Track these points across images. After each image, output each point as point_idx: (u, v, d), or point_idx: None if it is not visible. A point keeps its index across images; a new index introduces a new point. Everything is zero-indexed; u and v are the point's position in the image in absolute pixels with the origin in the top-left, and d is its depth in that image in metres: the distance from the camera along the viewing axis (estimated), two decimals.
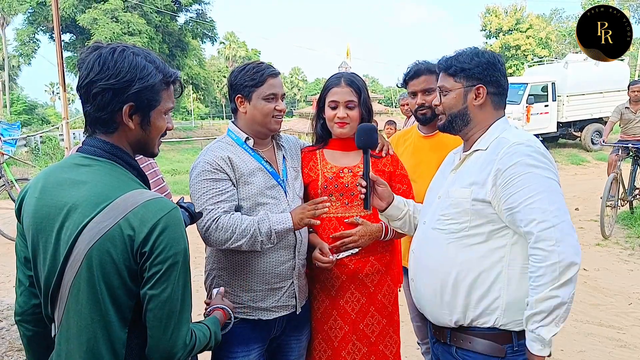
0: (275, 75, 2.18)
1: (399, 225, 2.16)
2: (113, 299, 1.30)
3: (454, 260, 1.80)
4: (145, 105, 1.39)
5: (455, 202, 1.82)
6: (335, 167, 2.33)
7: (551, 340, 1.63)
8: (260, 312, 2.14)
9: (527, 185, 1.67)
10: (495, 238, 1.76)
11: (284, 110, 2.20)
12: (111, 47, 1.37)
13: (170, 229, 1.30)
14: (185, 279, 1.35)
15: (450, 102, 1.91)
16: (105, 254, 1.28)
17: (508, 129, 1.88)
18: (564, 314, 1.61)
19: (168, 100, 1.45)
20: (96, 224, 1.28)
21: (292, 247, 2.16)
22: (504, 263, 1.75)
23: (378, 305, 2.29)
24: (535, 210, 1.65)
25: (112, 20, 32.68)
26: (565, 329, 4.37)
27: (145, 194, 1.33)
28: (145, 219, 1.28)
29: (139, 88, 1.35)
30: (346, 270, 2.24)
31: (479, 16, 46.89)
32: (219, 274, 2.17)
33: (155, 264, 1.29)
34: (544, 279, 1.61)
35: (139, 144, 1.45)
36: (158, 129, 1.46)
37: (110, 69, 1.33)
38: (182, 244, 1.33)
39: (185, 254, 1.34)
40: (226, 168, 2.09)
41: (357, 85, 2.30)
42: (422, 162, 2.65)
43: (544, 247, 1.61)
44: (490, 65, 1.86)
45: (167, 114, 1.48)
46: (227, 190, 2.07)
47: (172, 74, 1.45)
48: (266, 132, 2.21)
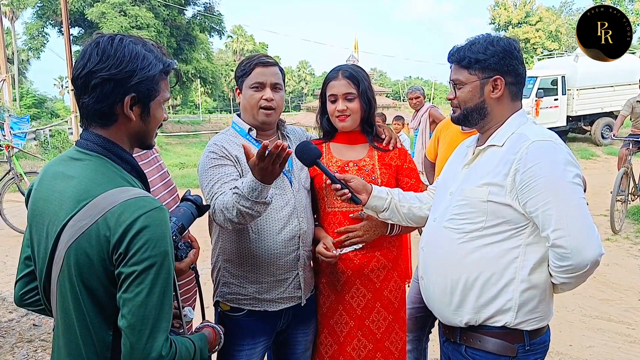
0: (265, 64, 2.14)
1: (388, 216, 2.11)
2: (94, 301, 1.25)
3: (466, 260, 1.75)
4: (145, 96, 1.34)
5: (470, 202, 1.75)
6: (340, 160, 2.30)
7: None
8: (266, 303, 2.13)
9: (544, 190, 1.60)
10: (510, 238, 1.70)
11: (273, 100, 2.12)
12: (109, 36, 1.32)
13: (149, 229, 1.21)
14: (164, 284, 1.24)
15: (465, 96, 1.81)
16: (83, 255, 1.22)
17: (526, 124, 1.79)
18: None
19: (166, 90, 1.42)
20: (75, 222, 1.23)
21: (296, 237, 2.14)
22: (518, 264, 1.69)
23: (384, 301, 2.27)
24: (551, 217, 1.60)
25: (120, 14, 32.71)
26: (574, 324, 4.34)
27: (128, 192, 1.26)
28: (121, 218, 1.20)
29: (141, 79, 1.31)
30: (352, 265, 2.22)
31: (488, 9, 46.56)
32: (224, 266, 2.17)
33: (130, 266, 1.20)
34: (561, 273, 1.64)
35: (137, 136, 1.40)
36: (157, 120, 1.42)
37: (111, 59, 1.28)
38: (162, 246, 1.23)
39: (165, 258, 1.24)
40: (230, 156, 2.09)
41: (356, 77, 2.25)
42: None
43: (560, 253, 1.61)
44: (507, 53, 1.76)
45: (165, 104, 1.45)
46: (232, 174, 2.05)
47: (170, 63, 1.41)
48: (258, 124, 2.18)
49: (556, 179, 1.61)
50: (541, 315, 1.73)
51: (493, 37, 1.80)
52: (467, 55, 1.79)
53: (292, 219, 2.13)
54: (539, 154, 1.64)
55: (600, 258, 1.60)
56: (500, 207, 1.69)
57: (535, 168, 1.62)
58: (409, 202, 2.12)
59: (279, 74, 2.19)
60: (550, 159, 1.63)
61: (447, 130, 3.34)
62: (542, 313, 1.73)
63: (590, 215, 1.63)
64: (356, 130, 2.32)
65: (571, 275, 1.62)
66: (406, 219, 2.12)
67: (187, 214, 1.71)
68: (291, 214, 2.13)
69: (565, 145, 1.71)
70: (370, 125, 2.34)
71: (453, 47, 1.88)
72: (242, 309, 2.13)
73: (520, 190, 1.64)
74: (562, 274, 1.63)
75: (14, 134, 13.88)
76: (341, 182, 2.03)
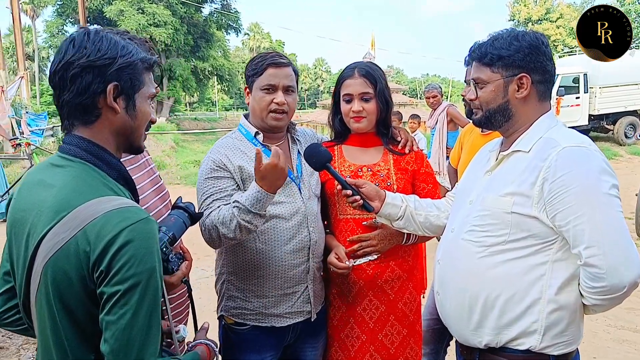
0: (278, 65, 1.99)
1: (402, 225, 1.97)
2: (73, 323, 1.13)
3: (486, 277, 1.60)
4: (129, 86, 1.24)
5: (492, 213, 1.60)
6: (353, 165, 2.17)
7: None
8: (273, 318, 2.01)
9: (576, 202, 1.45)
10: (536, 254, 1.55)
11: (285, 104, 1.99)
12: (84, 29, 1.23)
13: (134, 244, 1.09)
14: (151, 305, 1.11)
15: (487, 96, 1.65)
16: (60, 272, 1.10)
17: (555, 127, 1.63)
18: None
19: (150, 85, 1.32)
20: (53, 236, 1.11)
21: (305, 249, 2.01)
22: (544, 282, 1.54)
23: (398, 314, 2.13)
24: (584, 232, 1.45)
25: (138, 12, 32.95)
26: (598, 335, 4.15)
27: (112, 201, 1.14)
28: (103, 231, 1.08)
29: (122, 65, 1.20)
30: (364, 275, 2.09)
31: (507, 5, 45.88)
32: (228, 279, 2.05)
33: (112, 285, 1.08)
34: (594, 295, 1.49)
35: (124, 133, 1.28)
36: (144, 115, 1.30)
37: (89, 48, 1.18)
38: (148, 262, 1.11)
39: (152, 275, 1.11)
40: (230, 166, 1.97)
41: (373, 76, 2.11)
42: None
43: (594, 273, 1.45)
44: (534, 48, 1.61)
45: (152, 101, 1.34)
46: (226, 189, 1.94)
47: (151, 57, 1.31)
48: (267, 127, 2.05)
49: (590, 190, 1.46)
50: (570, 338, 1.58)
51: (518, 32, 1.65)
52: (489, 52, 1.64)
53: (302, 228, 2.00)
54: (570, 161, 1.49)
55: (635, 281, 1.44)
56: (525, 219, 1.54)
57: (566, 177, 1.47)
58: (425, 210, 1.98)
59: (292, 75, 2.05)
60: (583, 167, 1.48)
61: (470, 134, 3.21)
62: (571, 336, 1.59)
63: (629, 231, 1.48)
64: (371, 132, 2.19)
65: (605, 297, 1.47)
66: (422, 228, 1.98)
67: (178, 223, 1.60)
68: (301, 224, 2.00)
69: (601, 152, 1.55)
70: (386, 127, 2.20)
71: (474, 43, 1.72)
72: (247, 324, 2.01)
73: (549, 202, 1.49)
74: (595, 295, 1.48)
75: (32, 130, 13.97)
76: (352, 188, 1.90)
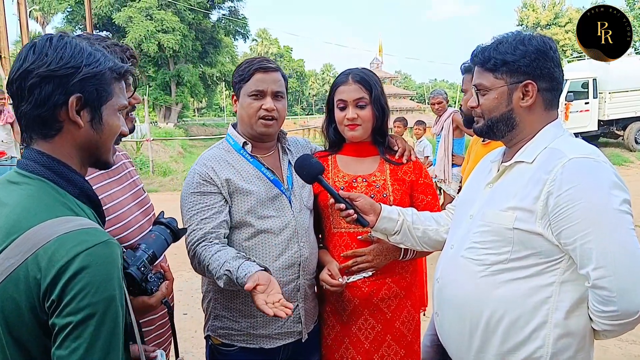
0: (265, 69, 1.89)
1: (399, 240, 1.85)
2: (25, 356, 1.03)
3: (488, 298, 1.48)
4: (95, 97, 1.13)
5: (493, 229, 1.49)
6: (348, 175, 2.05)
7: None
8: (262, 339, 1.89)
9: (583, 218, 1.33)
10: (541, 274, 1.43)
11: (274, 110, 1.89)
12: (47, 35, 1.13)
13: (90, 270, 0.99)
14: (108, 337, 1.00)
15: (490, 104, 1.55)
16: (9, 301, 1.00)
17: (562, 137, 1.52)
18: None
19: (121, 96, 1.21)
20: (2, 261, 1.01)
21: (296, 265, 1.90)
22: (550, 305, 1.42)
23: (396, 334, 2.00)
24: (591, 252, 1.33)
25: (147, 18, 33.22)
26: (609, 350, 3.99)
27: (69, 223, 1.03)
28: (55, 256, 0.98)
29: (86, 75, 1.10)
30: (359, 293, 1.97)
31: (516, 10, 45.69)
32: (215, 297, 1.95)
33: (64, 316, 0.97)
34: (604, 319, 1.37)
35: (89, 148, 1.17)
36: (112, 129, 1.19)
37: (50, 55, 1.08)
38: (106, 290, 1.00)
39: (110, 305, 1.01)
40: (216, 180, 1.86)
41: (368, 82, 2.00)
42: None
43: (603, 296, 1.33)
44: (541, 54, 1.49)
45: (122, 113, 1.23)
46: (214, 206, 1.83)
47: (123, 65, 1.21)
48: (256, 135, 1.95)
49: (599, 206, 1.34)
50: None
51: (524, 35, 1.53)
52: (492, 56, 1.52)
53: (292, 244, 1.89)
54: (577, 174, 1.37)
55: None
56: (529, 236, 1.43)
57: (572, 191, 1.35)
58: (424, 224, 1.86)
59: (281, 80, 1.95)
60: (591, 180, 1.37)
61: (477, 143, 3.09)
62: None
63: None
64: (366, 140, 2.08)
65: (616, 323, 1.35)
66: (421, 243, 1.87)
67: (159, 241, 1.51)
68: (290, 239, 1.89)
69: (611, 164, 1.43)
70: (382, 135, 2.09)
71: (477, 46, 1.61)
72: (235, 345, 1.90)
73: (554, 218, 1.38)
74: (605, 320, 1.36)
75: None
76: (346, 202, 1.78)
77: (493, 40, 1.58)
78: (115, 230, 1.61)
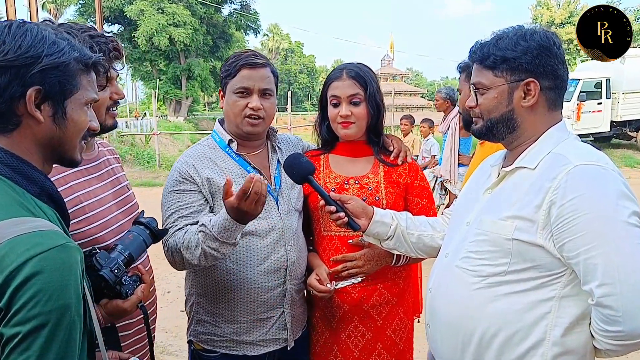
0: (252, 65, 1.79)
1: (392, 245, 1.75)
2: None
3: (482, 311, 1.39)
4: (57, 90, 1.05)
5: (490, 239, 1.40)
6: (339, 176, 1.96)
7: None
8: (246, 346, 1.81)
9: (588, 230, 1.23)
10: (540, 288, 1.34)
11: (261, 109, 1.79)
12: (7, 22, 1.05)
13: (42, 276, 0.91)
14: (62, 350, 0.92)
15: (489, 103, 1.45)
16: None
17: (566, 141, 1.41)
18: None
19: (89, 89, 1.12)
20: None
21: (282, 269, 1.82)
22: (549, 321, 1.32)
23: (387, 342, 1.92)
24: (596, 267, 1.23)
25: (158, 12, 33.21)
26: None
27: (24, 224, 0.95)
28: (5, 261, 0.90)
29: (47, 65, 1.02)
30: (349, 298, 1.88)
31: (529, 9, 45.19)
32: (198, 301, 1.87)
33: (12, 326, 0.89)
34: (607, 339, 1.26)
35: (51, 144, 1.09)
36: (77, 125, 1.11)
37: (8, 44, 1.00)
38: (61, 299, 0.92)
39: (65, 314, 0.93)
40: (197, 178, 1.78)
41: (363, 77, 1.90)
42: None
43: (607, 315, 1.23)
44: (544, 50, 1.38)
45: (90, 107, 1.14)
46: (192, 204, 1.76)
47: (92, 55, 1.12)
48: (242, 134, 1.86)
49: (605, 217, 1.24)
50: None
51: (526, 30, 1.42)
52: (492, 53, 1.42)
53: (278, 247, 1.81)
54: (583, 182, 1.27)
55: None
56: (529, 247, 1.33)
57: (577, 201, 1.25)
58: (418, 229, 1.77)
59: (270, 77, 1.85)
60: (598, 189, 1.26)
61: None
62: None
63: None
64: (360, 140, 1.98)
65: (621, 343, 1.25)
66: (415, 249, 1.77)
67: (137, 242, 1.45)
68: (277, 242, 1.81)
69: (619, 172, 1.33)
70: (377, 134, 1.99)
71: (475, 42, 1.50)
72: (217, 351, 1.83)
73: (557, 229, 1.28)
74: (609, 339, 1.26)
75: None
76: (337, 204, 1.69)
77: (493, 35, 1.47)
78: (92, 230, 1.54)
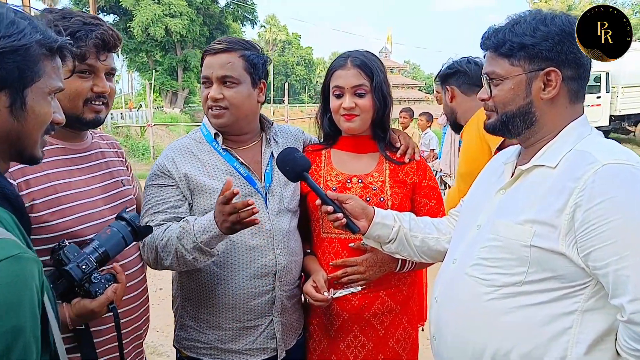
0: (214, 52, 1.66)
1: (395, 249, 1.61)
2: None
3: (496, 324, 1.26)
4: (16, 78, 0.93)
5: (505, 245, 1.26)
6: (341, 174, 1.82)
7: None
8: (231, 355, 1.70)
9: (619, 238, 1.10)
10: (561, 300, 1.21)
11: (222, 99, 1.65)
12: None
13: None
14: None
15: (504, 95, 1.31)
16: None
17: (589, 137, 1.28)
18: None
19: (53, 76, 1.00)
20: None
21: (270, 275, 1.69)
22: (571, 337, 1.20)
23: (389, 353, 1.79)
24: (628, 279, 1.10)
25: (154, 2, 32.89)
26: None
27: None
28: None
29: (4, 49, 0.90)
30: (349, 306, 1.75)
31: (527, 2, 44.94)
32: (182, 304, 1.76)
33: None
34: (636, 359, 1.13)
35: (8, 139, 0.96)
36: (39, 117, 0.98)
37: None
38: (12, 319, 0.80)
39: (18, 337, 0.80)
40: (174, 173, 1.66)
41: (369, 66, 1.75)
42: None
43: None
44: (566, 35, 1.25)
45: (54, 97, 1.02)
46: (169, 200, 1.64)
47: (57, 39, 0.99)
48: (216, 127, 1.74)
49: (639, 224, 1.11)
50: None
51: (546, 14, 1.28)
52: (508, 39, 1.28)
53: (266, 250, 1.68)
54: (612, 184, 1.14)
55: None
56: (549, 255, 1.20)
57: (606, 205, 1.12)
58: (423, 232, 1.63)
59: (234, 62, 1.66)
60: (630, 192, 1.13)
61: None
62: None
63: None
64: (365, 134, 1.84)
65: None
66: (419, 253, 1.63)
67: (115, 238, 1.35)
68: (264, 245, 1.68)
69: None
70: (383, 129, 1.84)
71: (489, 27, 1.36)
72: (201, 359, 1.71)
73: (582, 235, 1.15)
74: None
75: None
76: (334, 204, 1.54)
77: (507, 19, 1.33)
78: (67, 223, 1.43)
